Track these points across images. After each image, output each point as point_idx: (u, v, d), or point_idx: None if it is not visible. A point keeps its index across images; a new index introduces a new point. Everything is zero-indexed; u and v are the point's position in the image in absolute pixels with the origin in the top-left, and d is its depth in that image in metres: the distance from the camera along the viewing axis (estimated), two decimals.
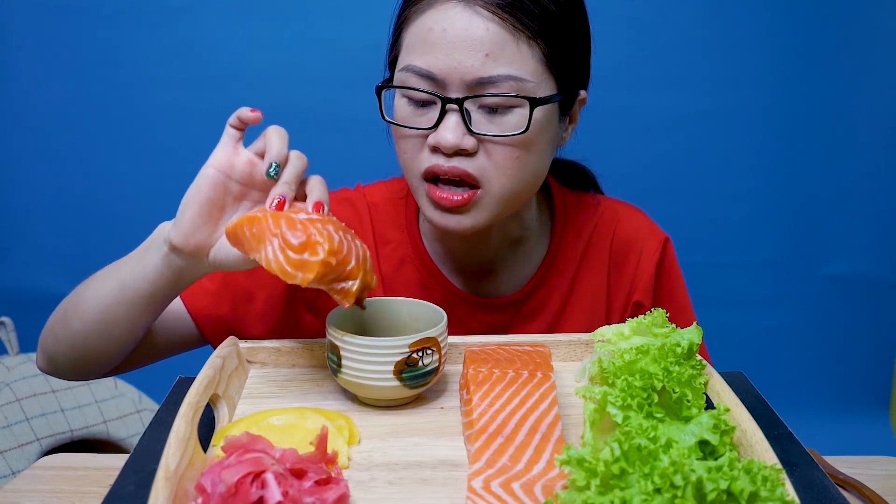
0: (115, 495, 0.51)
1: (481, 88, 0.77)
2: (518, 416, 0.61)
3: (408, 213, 0.96)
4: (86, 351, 0.83)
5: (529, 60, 0.78)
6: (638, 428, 0.55)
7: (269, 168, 0.71)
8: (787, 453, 0.56)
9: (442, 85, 0.78)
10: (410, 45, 0.80)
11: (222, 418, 0.67)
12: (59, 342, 0.84)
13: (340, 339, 0.68)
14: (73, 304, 0.83)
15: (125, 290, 0.78)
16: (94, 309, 0.80)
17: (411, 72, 0.79)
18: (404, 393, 0.70)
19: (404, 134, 0.82)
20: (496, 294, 0.96)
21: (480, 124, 0.79)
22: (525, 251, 0.96)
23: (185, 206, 0.74)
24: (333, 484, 0.54)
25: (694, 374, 0.62)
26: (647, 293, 0.96)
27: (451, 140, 0.77)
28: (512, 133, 0.78)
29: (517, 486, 0.54)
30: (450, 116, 0.78)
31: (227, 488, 0.49)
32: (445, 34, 0.77)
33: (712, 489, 0.44)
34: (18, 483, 0.67)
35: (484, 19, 0.76)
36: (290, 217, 0.67)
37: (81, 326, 0.81)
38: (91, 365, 0.85)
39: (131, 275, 0.77)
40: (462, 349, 0.78)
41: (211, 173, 0.73)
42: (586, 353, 0.81)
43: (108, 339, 0.81)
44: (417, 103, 0.80)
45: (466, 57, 0.76)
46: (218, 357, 0.71)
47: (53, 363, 0.87)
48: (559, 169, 1.01)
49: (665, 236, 0.99)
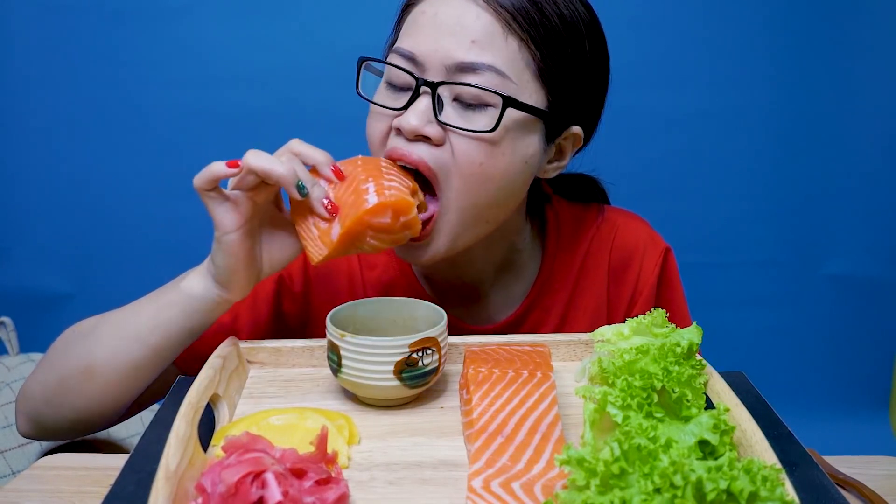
0: (115, 495, 0.51)
1: (461, 74, 0.74)
2: (518, 415, 0.61)
3: None
4: (94, 417, 0.78)
5: (517, 62, 0.75)
6: (638, 428, 0.55)
7: (298, 191, 0.70)
8: (787, 453, 0.56)
9: (422, 67, 0.75)
10: (405, 30, 0.79)
11: (222, 418, 0.67)
12: (59, 411, 0.78)
13: (340, 339, 0.68)
14: (78, 371, 0.76)
15: (159, 355, 0.75)
16: (117, 374, 0.75)
17: (396, 52, 0.78)
18: (404, 393, 0.70)
19: (373, 111, 0.80)
20: (487, 320, 0.93)
21: (450, 116, 0.75)
22: (516, 273, 0.93)
23: (230, 273, 0.73)
24: (333, 484, 0.54)
25: (694, 374, 0.62)
26: (646, 306, 0.93)
27: (413, 123, 0.74)
28: (479, 129, 0.74)
29: (517, 485, 0.54)
30: (421, 100, 0.75)
31: (227, 488, 0.49)
32: (436, 17, 0.75)
33: (712, 489, 0.44)
34: (18, 483, 0.67)
35: (479, 8, 0.74)
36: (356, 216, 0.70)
37: (96, 397, 0.76)
38: (91, 429, 0.81)
39: (170, 339, 0.75)
40: (462, 349, 0.78)
41: (232, 238, 0.71)
42: (586, 353, 0.80)
43: (122, 402, 0.78)
44: (396, 87, 0.78)
45: (451, 41, 0.74)
46: (218, 357, 0.71)
47: (44, 430, 0.81)
48: (563, 182, 0.98)
49: (665, 246, 0.95)
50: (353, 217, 0.70)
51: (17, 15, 1.78)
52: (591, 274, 0.93)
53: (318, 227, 0.72)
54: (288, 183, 0.69)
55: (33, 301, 1.89)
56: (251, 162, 0.69)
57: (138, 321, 0.76)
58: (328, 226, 0.72)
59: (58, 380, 0.78)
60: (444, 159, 0.76)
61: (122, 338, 0.75)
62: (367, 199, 0.70)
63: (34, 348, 1.48)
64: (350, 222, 0.70)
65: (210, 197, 0.71)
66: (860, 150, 1.92)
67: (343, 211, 0.71)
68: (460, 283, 0.92)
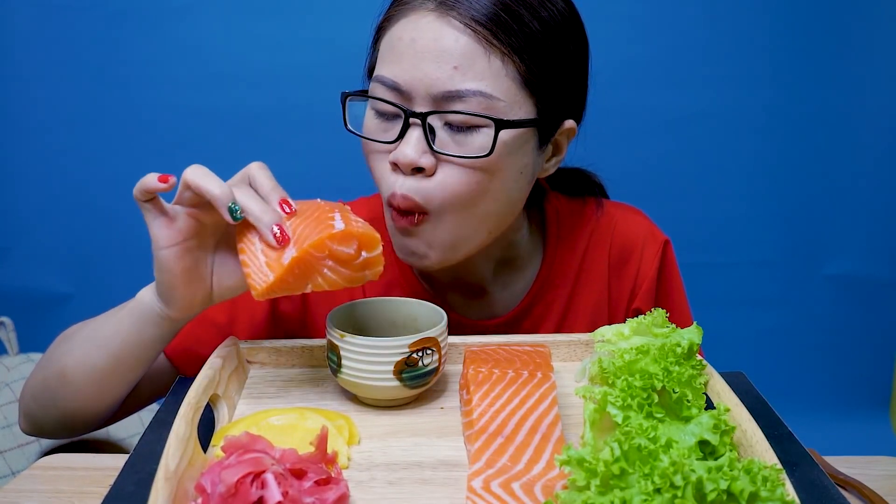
0: (115, 495, 0.51)
1: (447, 103, 0.73)
2: (518, 416, 0.61)
3: None
4: (78, 418, 0.79)
5: (503, 78, 0.73)
6: (638, 428, 0.55)
7: (230, 214, 0.65)
8: (787, 453, 0.56)
9: (407, 97, 0.74)
10: (382, 55, 0.77)
11: (222, 418, 0.67)
12: (47, 411, 0.80)
13: (340, 339, 0.68)
14: (55, 375, 0.77)
15: (120, 363, 0.74)
16: (85, 383, 0.75)
17: (379, 82, 0.76)
18: (404, 393, 0.70)
19: (371, 148, 0.79)
20: (489, 315, 0.93)
21: (444, 143, 0.74)
22: (517, 269, 0.93)
23: (168, 289, 0.70)
24: (333, 484, 0.54)
25: (694, 374, 0.62)
26: (647, 299, 0.93)
27: (409, 156, 0.73)
28: (475, 155, 0.73)
29: (517, 486, 0.54)
30: (412, 131, 0.74)
31: (227, 488, 0.49)
32: (414, 44, 0.73)
33: (712, 489, 0.44)
34: (18, 483, 0.67)
35: (455, 31, 0.72)
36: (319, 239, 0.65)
37: (71, 400, 0.77)
38: (82, 428, 0.81)
39: (127, 347, 0.74)
40: (462, 349, 0.78)
41: (166, 254, 0.68)
42: (586, 353, 0.80)
43: (102, 405, 0.78)
44: (385, 116, 0.76)
45: (434, 69, 0.72)
46: (218, 357, 0.71)
47: (40, 428, 0.83)
48: (561, 177, 0.98)
49: (665, 238, 0.96)
50: (315, 240, 0.65)
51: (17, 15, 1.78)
52: (592, 268, 0.94)
53: (266, 253, 0.66)
54: (220, 203, 0.65)
55: (33, 301, 1.89)
56: (186, 176, 0.66)
57: (104, 329, 0.75)
58: (278, 253, 0.65)
59: (42, 382, 0.79)
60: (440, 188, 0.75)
61: (90, 344, 0.76)
62: (333, 224, 0.66)
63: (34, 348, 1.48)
64: (310, 244, 0.65)
65: (146, 208, 0.68)
66: (860, 151, 1.92)
67: (301, 236, 0.66)
68: (461, 281, 0.92)
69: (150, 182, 0.66)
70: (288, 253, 0.65)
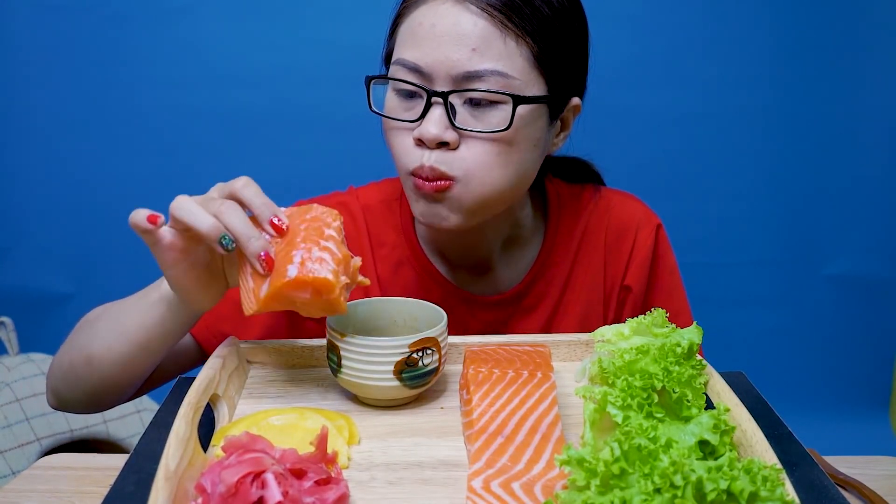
0: (115, 495, 0.51)
1: (467, 83, 0.78)
2: (518, 416, 0.61)
3: (402, 214, 0.97)
4: (104, 397, 0.83)
5: (517, 58, 0.78)
6: (638, 428, 0.55)
7: (221, 245, 0.65)
8: (787, 453, 0.56)
9: (429, 78, 0.79)
10: (402, 40, 0.82)
11: (222, 418, 0.67)
12: (73, 391, 0.83)
13: (340, 339, 0.68)
14: (81, 359, 0.80)
15: (144, 350, 0.77)
16: (110, 368, 0.78)
17: (400, 65, 0.80)
18: (404, 393, 0.70)
19: (392, 126, 0.83)
20: (494, 291, 0.97)
21: (464, 119, 0.79)
22: (520, 248, 0.97)
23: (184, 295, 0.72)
24: (333, 484, 0.54)
25: (694, 374, 0.62)
26: (638, 277, 0.98)
27: (433, 132, 0.78)
28: (494, 130, 0.79)
29: (517, 486, 0.54)
30: (434, 109, 0.79)
31: (227, 488, 0.49)
32: (434, 28, 0.78)
33: (712, 489, 0.44)
34: (18, 483, 0.67)
35: (473, 15, 0.77)
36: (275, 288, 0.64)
37: (98, 382, 0.80)
38: (107, 404, 0.85)
39: (151, 335, 0.76)
40: (462, 349, 0.78)
41: (174, 273, 0.70)
42: (586, 353, 0.81)
43: (128, 385, 0.82)
44: (405, 96, 0.81)
45: (453, 51, 0.77)
46: (218, 357, 0.71)
47: (67, 404, 0.87)
48: (560, 165, 1.02)
49: (658, 221, 1.01)
50: (274, 286, 0.64)
51: (17, 15, 1.79)
52: (589, 247, 0.99)
53: (254, 279, 0.66)
54: (210, 240, 0.65)
55: (33, 301, 1.89)
56: (173, 213, 0.66)
57: (128, 317, 0.78)
58: (259, 282, 0.66)
59: (69, 363, 0.82)
60: (464, 159, 0.80)
61: (113, 332, 0.78)
62: (287, 269, 0.64)
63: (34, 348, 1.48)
64: (271, 290, 0.64)
65: (143, 237, 0.68)
66: (860, 151, 1.92)
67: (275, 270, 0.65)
68: (470, 259, 0.96)
69: (141, 222, 0.66)
70: (264, 288, 0.65)
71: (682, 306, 1.01)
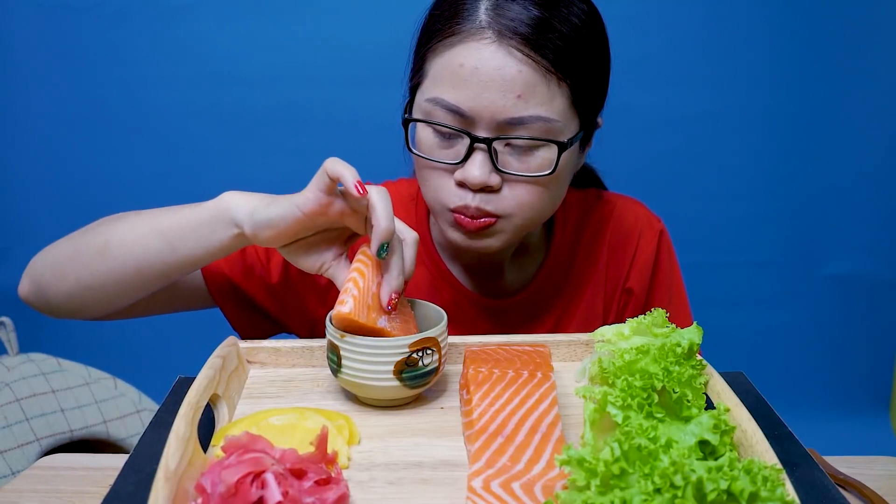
0: (115, 495, 0.51)
1: (511, 129, 0.78)
2: (518, 416, 0.61)
3: (418, 214, 0.97)
4: (97, 293, 0.81)
5: (559, 101, 0.78)
6: (638, 428, 0.55)
7: (380, 250, 0.69)
8: (787, 453, 0.56)
9: (470, 121, 0.78)
10: (439, 77, 0.80)
11: (222, 418, 0.67)
12: (62, 280, 0.82)
13: (340, 340, 0.68)
14: (94, 246, 0.80)
15: (176, 252, 0.77)
16: (129, 257, 0.78)
17: (440, 105, 0.79)
18: (404, 393, 0.70)
19: (430, 165, 0.83)
20: (504, 294, 0.98)
21: (506, 161, 0.80)
22: (529, 252, 0.98)
23: (267, 226, 0.72)
24: (333, 484, 0.54)
25: (694, 374, 0.62)
26: (640, 281, 0.99)
27: (479, 178, 0.79)
28: (539, 174, 0.80)
29: (517, 486, 0.54)
30: (477, 154, 0.79)
31: (227, 488, 0.49)
32: (477, 72, 0.76)
33: (712, 489, 0.44)
34: (18, 483, 0.67)
35: (517, 61, 0.76)
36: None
37: (105, 270, 0.79)
38: (93, 309, 0.83)
39: (189, 242, 0.76)
40: (462, 349, 0.78)
41: (297, 215, 0.71)
42: (586, 353, 0.81)
43: (130, 287, 0.80)
44: (443, 135, 0.81)
45: (498, 97, 0.76)
46: (218, 357, 0.71)
47: (44, 296, 0.84)
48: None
49: (661, 226, 1.01)
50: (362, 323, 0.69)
51: (17, 15, 1.79)
52: (592, 252, 1.00)
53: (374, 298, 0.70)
54: (380, 236, 0.68)
55: None
56: (371, 198, 0.68)
57: (169, 217, 0.78)
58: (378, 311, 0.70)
59: (73, 250, 0.82)
60: (507, 200, 0.81)
61: (147, 226, 0.79)
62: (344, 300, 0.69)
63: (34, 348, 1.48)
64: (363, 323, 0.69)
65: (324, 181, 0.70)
66: (860, 151, 1.92)
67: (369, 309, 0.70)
68: (484, 264, 0.97)
69: (348, 183, 0.68)
70: (382, 320, 0.70)
71: (684, 310, 1.02)
